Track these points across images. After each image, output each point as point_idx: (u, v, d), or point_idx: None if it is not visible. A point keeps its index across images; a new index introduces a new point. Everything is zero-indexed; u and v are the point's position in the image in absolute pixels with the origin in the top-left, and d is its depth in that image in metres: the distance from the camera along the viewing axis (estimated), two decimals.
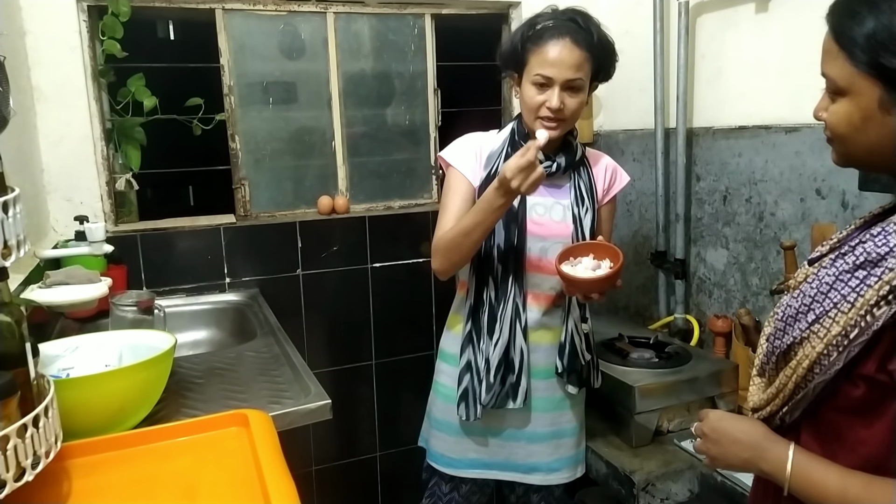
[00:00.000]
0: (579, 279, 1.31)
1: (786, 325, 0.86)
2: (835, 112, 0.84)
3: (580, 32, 1.37)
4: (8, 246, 0.79)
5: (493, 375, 1.47)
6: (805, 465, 0.84)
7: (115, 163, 2.12)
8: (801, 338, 0.83)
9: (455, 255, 1.44)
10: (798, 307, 0.85)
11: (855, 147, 0.84)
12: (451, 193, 1.51)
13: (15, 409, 0.76)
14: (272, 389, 1.34)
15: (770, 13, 1.84)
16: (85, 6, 1.96)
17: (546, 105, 1.39)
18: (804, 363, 0.82)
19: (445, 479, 1.62)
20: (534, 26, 1.40)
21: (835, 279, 0.81)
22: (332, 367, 2.34)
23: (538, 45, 1.38)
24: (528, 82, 1.41)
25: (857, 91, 0.80)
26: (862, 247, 0.80)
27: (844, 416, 0.84)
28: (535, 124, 1.42)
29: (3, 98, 0.89)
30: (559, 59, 1.36)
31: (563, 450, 1.59)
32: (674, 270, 2.17)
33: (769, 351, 0.90)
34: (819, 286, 0.83)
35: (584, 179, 1.52)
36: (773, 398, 0.89)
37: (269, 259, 2.22)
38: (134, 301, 1.47)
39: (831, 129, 0.86)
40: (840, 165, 0.90)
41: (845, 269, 0.80)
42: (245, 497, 0.84)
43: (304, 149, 2.34)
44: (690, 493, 1.59)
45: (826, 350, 0.80)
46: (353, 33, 2.32)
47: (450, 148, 1.55)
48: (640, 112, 2.30)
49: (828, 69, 0.83)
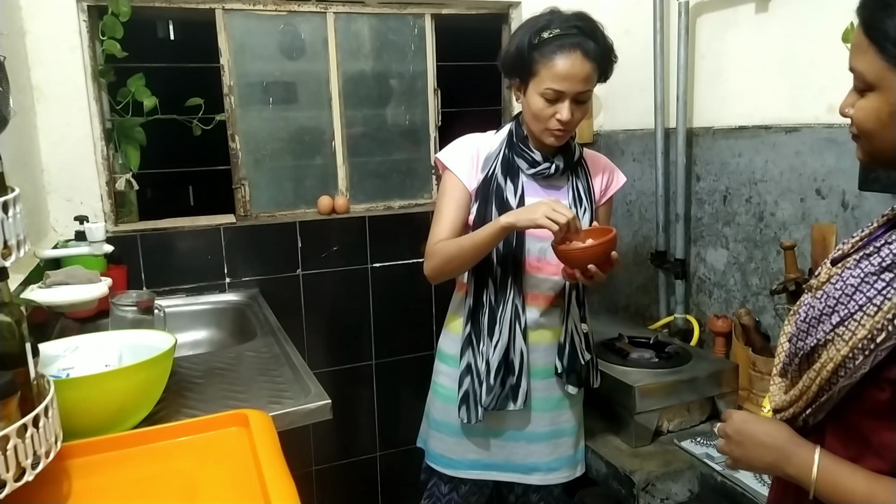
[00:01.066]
0: (572, 250, 1.31)
1: (809, 326, 0.85)
2: (862, 108, 0.82)
3: (588, 43, 1.35)
4: (8, 246, 0.79)
5: (493, 377, 1.47)
6: (831, 468, 0.83)
7: (115, 163, 2.12)
8: (825, 340, 0.82)
9: (450, 266, 1.45)
10: (822, 308, 0.83)
11: (882, 144, 0.81)
12: (447, 198, 1.50)
13: (15, 409, 0.76)
14: (272, 389, 1.34)
15: (770, 13, 1.84)
16: (85, 6, 1.96)
17: (557, 118, 1.38)
18: (828, 366, 0.81)
19: (444, 480, 1.63)
20: (539, 33, 1.36)
21: (860, 281, 0.80)
22: (332, 367, 2.34)
23: (548, 58, 1.35)
24: (536, 93, 1.38)
25: (887, 86, 0.78)
26: (888, 248, 0.78)
27: (870, 419, 0.82)
28: (543, 134, 1.42)
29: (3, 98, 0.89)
30: (571, 74, 1.34)
31: (562, 449, 1.59)
32: (674, 270, 2.17)
33: (792, 352, 0.89)
34: (844, 288, 0.81)
35: (581, 180, 1.52)
36: (796, 400, 0.87)
37: (269, 259, 2.22)
38: (134, 301, 1.47)
39: (858, 125, 0.83)
40: (865, 163, 0.87)
41: (871, 271, 0.79)
42: (245, 497, 0.84)
43: (304, 149, 2.34)
44: (690, 493, 1.59)
45: (851, 353, 0.78)
46: (353, 33, 2.32)
47: (447, 150, 1.54)
48: (640, 112, 2.30)
49: (857, 63, 0.81)
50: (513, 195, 1.45)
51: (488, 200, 1.46)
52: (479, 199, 1.48)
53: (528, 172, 1.48)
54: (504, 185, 1.46)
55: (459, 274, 1.52)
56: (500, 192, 1.45)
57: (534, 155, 1.47)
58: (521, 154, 1.48)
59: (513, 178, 1.47)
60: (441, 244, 1.45)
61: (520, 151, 1.48)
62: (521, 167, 1.48)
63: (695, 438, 1.68)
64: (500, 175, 1.47)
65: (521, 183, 1.47)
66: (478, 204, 1.47)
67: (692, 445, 1.65)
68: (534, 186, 1.50)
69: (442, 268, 1.46)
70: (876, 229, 0.89)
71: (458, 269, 1.49)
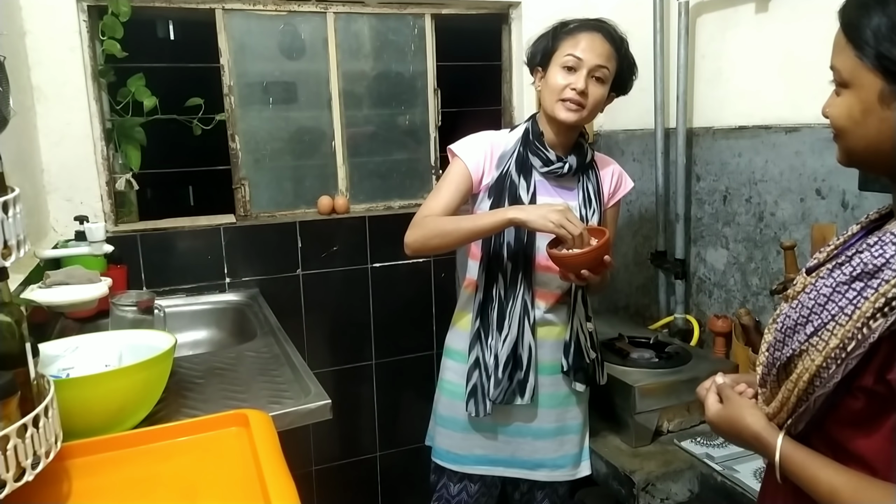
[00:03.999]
0: (566, 256, 1.34)
1: (785, 336, 0.85)
2: (837, 105, 0.84)
3: (610, 33, 1.45)
4: (8, 246, 0.79)
5: (501, 371, 1.49)
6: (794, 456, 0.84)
7: (115, 163, 2.12)
8: (800, 350, 0.83)
9: (437, 241, 1.45)
10: (797, 318, 0.84)
11: (855, 141, 0.83)
12: (448, 180, 1.52)
13: (15, 409, 0.76)
14: (272, 389, 1.34)
15: (770, 13, 1.84)
16: (85, 6, 1.96)
17: (571, 87, 1.42)
18: (804, 376, 0.82)
19: (454, 481, 1.62)
20: (567, 24, 1.47)
21: (832, 290, 0.80)
22: (333, 367, 2.35)
23: (571, 35, 1.45)
24: (555, 66, 1.45)
25: (860, 83, 0.80)
26: (859, 257, 0.79)
27: (847, 428, 0.83)
28: (557, 107, 1.45)
29: (3, 98, 0.89)
30: (590, 46, 1.43)
31: (567, 446, 1.60)
32: (674, 270, 2.17)
33: (770, 362, 0.89)
34: (817, 297, 0.82)
35: (591, 182, 1.55)
36: (777, 411, 0.88)
37: (269, 259, 2.22)
38: (134, 301, 1.47)
39: (833, 122, 0.85)
40: (843, 164, 0.89)
41: (842, 280, 0.79)
42: (245, 497, 0.84)
43: (304, 149, 2.34)
44: (690, 493, 1.59)
45: (825, 363, 0.79)
46: (353, 33, 2.32)
47: (460, 141, 1.56)
48: (640, 112, 2.30)
49: (835, 61, 0.84)
50: (525, 192, 1.49)
51: (502, 196, 1.49)
52: (493, 195, 1.50)
53: (542, 171, 1.51)
54: (518, 181, 1.49)
55: (441, 251, 1.53)
56: (513, 188, 1.48)
57: (548, 154, 1.50)
58: (535, 152, 1.50)
59: (526, 175, 1.50)
60: (433, 218, 1.46)
61: (535, 149, 1.51)
62: (535, 165, 1.51)
63: (695, 438, 1.68)
64: (515, 172, 1.50)
65: (534, 181, 1.50)
66: (492, 200, 1.50)
67: (692, 445, 1.65)
68: (545, 185, 1.52)
69: (428, 241, 1.45)
70: (850, 237, 0.90)
71: (444, 247, 1.48)
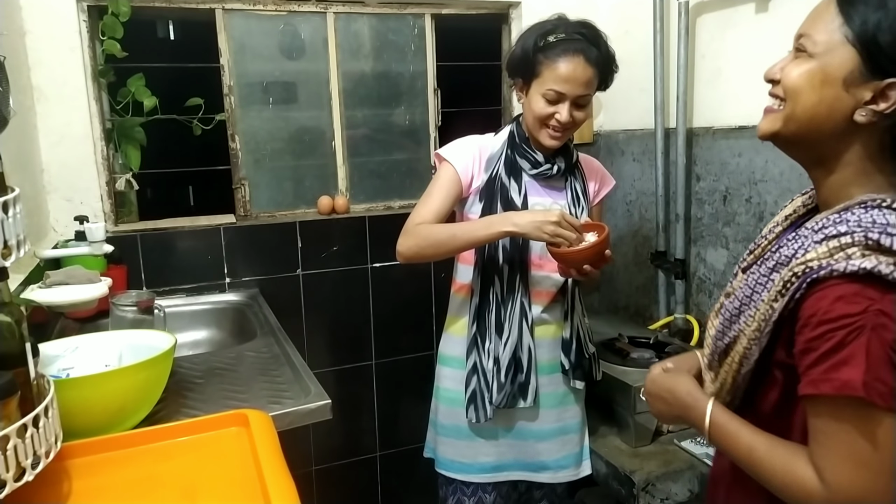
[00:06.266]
0: (569, 252, 1.35)
1: (724, 326, 0.97)
2: (797, 67, 0.86)
3: (591, 50, 1.41)
4: (8, 246, 0.79)
5: (503, 375, 1.49)
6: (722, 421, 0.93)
7: (115, 163, 2.12)
8: (734, 337, 0.93)
9: (432, 250, 1.45)
10: (732, 310, 0.95)
11: (802, 110, 0.86)
12: (438, 185, 1.52)
13: (15, 409, 0.76)
14: (272, 389, 1.34)
15: (770, 13, 1.84)
16: (85, 6, 1.96)
17: (556, 118, 1.43)
18: (736, 358, 0.93)
19: (467, 495, 1.60)
20: (545, 37, 1.42)
21: (755, 283, 0.91)
22: (333, 367, 2.34)
23: (551, 60, 1.40)
24: (538, 93, 1.43)
25: (831, 56, 0.83)
26: (780, 251, 0.89)
27: (775, 405, 0.92)
28: (541, 133, 1.46)
29: (3, 98, 0.89)
30: (573, 77, 1.39)
31: (569, 446, 1.61)
32: (674, 270, 2.17)
33: (714, 349, 0.99)
34: (745, 289, 0.93)
35: (578, 182, 1.57)
36: (718, 391, 0.98)
37: (269, 259, 2.22)
38: (134, 301, 1.47)
39: (786, 82, 0.87)
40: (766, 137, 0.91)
41: (764, 272, 0.90)
42: (245, 497, 0.84)
43: (304, 149, 2.34)
44: (690, 493, 1.59)
45: (749, 345, 0.91)
46: (353, 33, 2.32)
47: (448, 146, 1.57)
48: (640, 112, 2.30)
49: (813, 29, 0.85)
50: (517, 194, 1.49)
51: (493, 199, 1.49)
52: (483, 198, 1.50)
53: (531, 173, 1.52)
54: (508, 184, 1.50)
55: (435, 259, 1.53)
56: (504, 191, 1.49)
57: (536, 156, 1.51)
58: (523, 155, 1.51)
59: (516, 177, 1.51)
60: (426, 226, 1.46)
61: (522, 152, 1.51)
62: (524, 167, 1.51)
63: (695, 438, 1.68)
64: (505, 175, 1.50)
65: (524, 183, 1.51)
66: (483, 203, 1.50)
67: (692, 445, 1.65)
68: (535, 186, 1.53)
69: (422, 250, 1.45)
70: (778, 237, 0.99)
71: (438, 256, 1.49)
